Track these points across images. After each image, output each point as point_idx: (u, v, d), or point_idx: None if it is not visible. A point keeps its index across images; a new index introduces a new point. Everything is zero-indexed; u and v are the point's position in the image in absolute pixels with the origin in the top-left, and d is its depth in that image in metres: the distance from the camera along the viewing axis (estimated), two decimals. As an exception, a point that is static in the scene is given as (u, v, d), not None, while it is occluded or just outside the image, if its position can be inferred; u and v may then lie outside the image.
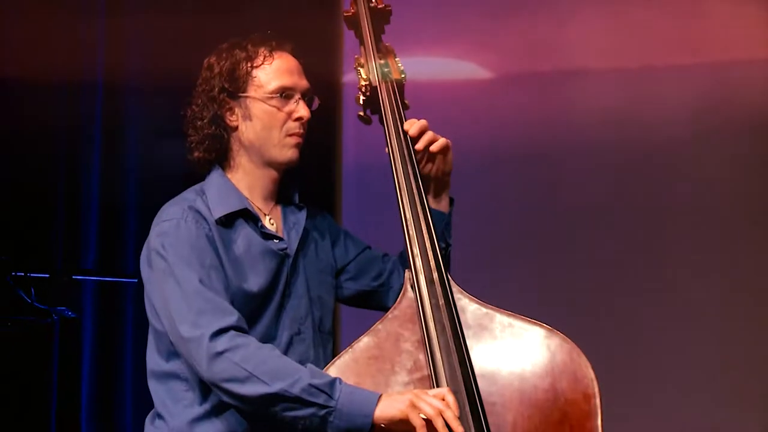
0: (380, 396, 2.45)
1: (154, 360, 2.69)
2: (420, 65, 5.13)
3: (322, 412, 2.44)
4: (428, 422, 2.42)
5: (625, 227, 5.07)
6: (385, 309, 2.71)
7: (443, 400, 2.43)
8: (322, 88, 2.87)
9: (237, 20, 4.51)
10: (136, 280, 4.39)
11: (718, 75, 5.10)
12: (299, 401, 2.45)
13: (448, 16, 5.16)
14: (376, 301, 2.92)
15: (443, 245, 2.75)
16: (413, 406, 2.42)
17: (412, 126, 2.73)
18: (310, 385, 2.45)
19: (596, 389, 2.55)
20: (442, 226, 2.82)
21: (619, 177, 5.09)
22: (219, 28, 3.05)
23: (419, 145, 2.72)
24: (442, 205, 2.84)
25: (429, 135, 2.74)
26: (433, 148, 2.74)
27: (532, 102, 5.15)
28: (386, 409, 2.44)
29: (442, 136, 2.77)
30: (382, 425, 2.44)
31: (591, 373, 2.56)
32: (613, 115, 5.08)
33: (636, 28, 5.14)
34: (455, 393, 2.46)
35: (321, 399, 2.44)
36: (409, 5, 5.04)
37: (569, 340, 2.60)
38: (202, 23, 4.56)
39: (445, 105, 5.00)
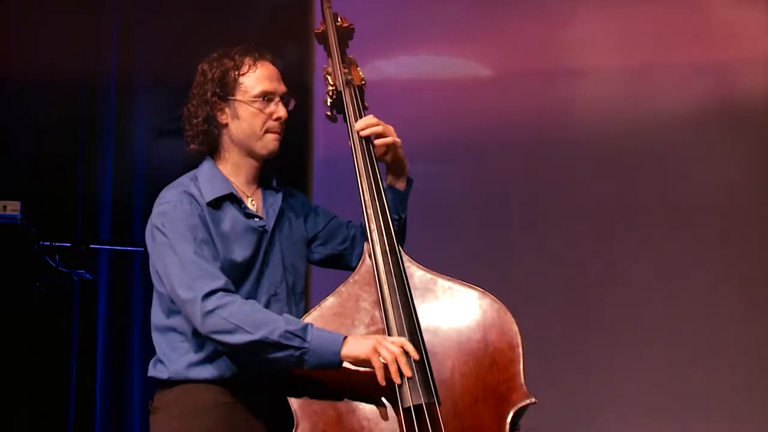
0: (346, 337, 2.47)
1: (157, 316, 2.68)
2: (423, 63, 4.89)
3: (298, 352, 2.46)
4: (385, 365, 2.43)
5: (624, 224, 4.65)
6: (351, 269, 2.74)
7: (402, 346, 2.45)
8: (297, 91, 2.85)
9: (232, 30, 4.46)
10: (143, 249, 4.36)
11: (719, 74, 4.67)
12: (278, 345, 2.46)
13: (450, 16, 4.83)
14: (343, 261, 2.90)
15: (396, 217, 2.75)
16: (375, 350, 2.44)
17: (358, 123, 2.73)
18: (287, 331, 2.46)
19: (519, 340, 2.56)
20: (398, 201, 2.82)
21: (618, 174, 4.66)
22: (216, 37, 3.02)
23: (364, 132, 2.72)
24: (400, 185, 2.83)
25: (377, 128, 2.73)
26: (378, 141, 2.74)
27: (534, 100, 4.75)
28: (352, 349, 2.46)
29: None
30: (348, 362, 2.46)
31: (515, 328, 2.57)
32: (614, 113, 4.68)
33: (637, 28, 4.72)
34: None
35: (296, 342, 2.46)
36: (413, 5, 4.86)
37: (498, 300, 2.61)
38: (203, 30, 4.54)
39: (447, 102, 4.77)
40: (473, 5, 4.86)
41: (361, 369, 2.46)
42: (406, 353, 2.44)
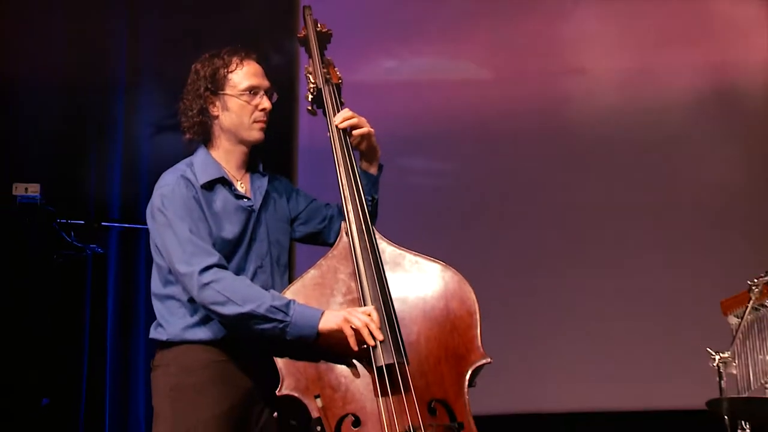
0: (323, 312, 2.48)
1: (155, 285, 2.68)
2: (423, 63, 4.72)
3: (281, 325, 2.46)
4: (357, 332, 2.45)
5: (623, 223, 4.40)
6: (329, 244, 2.73)
7: (369, 315, 2.46)
8: (285, 88, 2.83)
9: (229, 33, 4.42)
10: (148, 226, 4.36)
11: (718, 72, 4.41)
12: (264, 318, 2.46)
13: (452, 16, 4.63)
14: (321, 238, 2.89)
15: (369, 199, 2.75)
16: (347, 320, 2.45)
17: (336, 117, 2.73)
18: (272, 306, 2.47)
19: (476, 308, 2.57)
20: (371, 184, 2.81)
21: (618, 173, 4.42)
22: (212, 38, 2.99)
23: (341, 125, 2.72)
24: (373, 170, 2.83)
25: (353, 121, 2.73)
26: (355, 132, 2.74)
27: (534, 99, 4.52)
28: (327, 322, 2.47)
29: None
30: (325, 334, 2.46)
31: (473, 297, 2.59)
32: (614, 113, 4.42)
33: (637, 28, 4.47)
34: (377, 310, 2.49)
35: (280, 316, 2.46)
36: (416, 7, 4.72)
37: (458, 272, 2.61)
38: (202, 32, 4.51)
39: (447, 101, 4.60)
40: (475, 5, 4.69)
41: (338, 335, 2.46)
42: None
